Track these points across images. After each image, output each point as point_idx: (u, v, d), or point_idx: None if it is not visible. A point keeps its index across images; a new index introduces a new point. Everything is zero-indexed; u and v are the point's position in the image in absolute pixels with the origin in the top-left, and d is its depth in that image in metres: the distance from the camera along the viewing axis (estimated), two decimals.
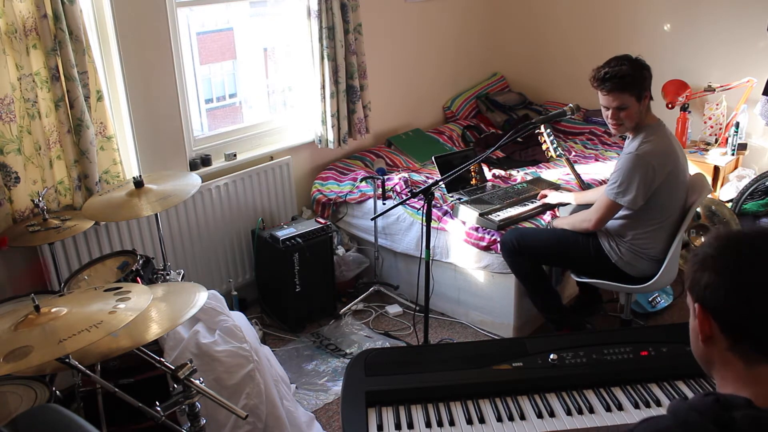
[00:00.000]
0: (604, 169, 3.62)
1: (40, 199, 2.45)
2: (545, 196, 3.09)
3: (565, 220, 2.85)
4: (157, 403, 1.65)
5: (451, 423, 1.72)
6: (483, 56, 4.78)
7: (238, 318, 2.37)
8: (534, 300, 2.92)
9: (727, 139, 3.78)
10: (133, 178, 2.50)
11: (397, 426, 1.71)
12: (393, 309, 3.42)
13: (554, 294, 2.90)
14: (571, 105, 2.73)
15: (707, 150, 3.84)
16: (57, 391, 1.91)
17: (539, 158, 3.89)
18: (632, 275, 2.66)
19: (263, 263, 3.36)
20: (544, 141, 3.08)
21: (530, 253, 2.78)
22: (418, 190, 2.47)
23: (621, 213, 2.61)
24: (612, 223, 2.65)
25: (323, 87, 3.47)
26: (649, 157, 2.45)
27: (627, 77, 2.46)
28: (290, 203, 3.64)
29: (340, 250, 3.53)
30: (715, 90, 3.79)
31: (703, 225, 3.59)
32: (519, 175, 3.65)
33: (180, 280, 2.60)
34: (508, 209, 3.08)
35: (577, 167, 3.08)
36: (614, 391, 1.79)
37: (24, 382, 1.92)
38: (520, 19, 4.70)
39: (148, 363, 1.76)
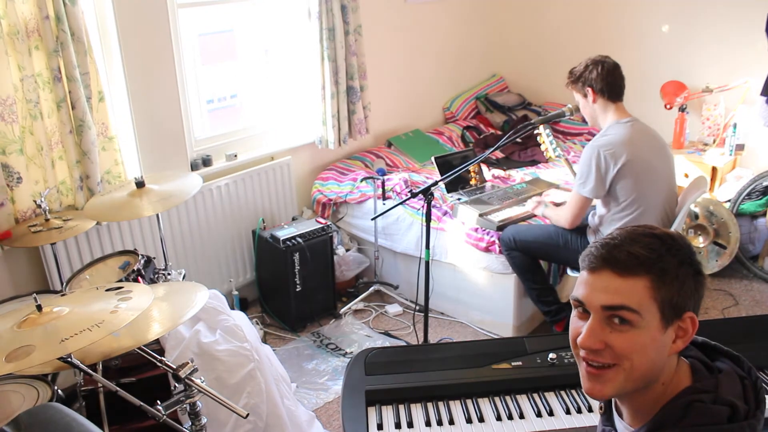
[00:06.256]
0: None
1: (42, 199, 2.46)
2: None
3: (549, 212, 2.91)
4: (159, 402, 1.66)
5: (451, 422, 1.73)
6: (482, 57, 4.79)
7: (239, 317, 2.38)
8: (530, 293, 2.99)
9: (724, 140, 3.79)
10: (135, 178, 2.50)
11: (397, 425, 1.72)
12: (393, 308, 3.44)
13: (549, 288, 2.99)
14: (569, 106, 2.75)
15: (705, 150, 3.85)
16: (59, 390, 1.92)
17: (538, 159, 3.90)
18: None
19: (264, 263, 3.37)
20: (543, 141, 3.09)
21: (525, 248, 2.87)
22: (417, 190, 2.49)
23: (599, 210, 2.67)
24: (592, 220, 2.73)
25: (323, 88, 3.48)
26: (600, 147, 2.55)
27: (572, 72, 2.64)
28: (291, 203, 3.65)
29: (341, 250, 3.55)
30: (713, 91, 3.80)
31: (701, 225, 3.61)
32: (518, 175, 3.67)
33: (181, 279, 2.60)
34: (508, 210, 3.10)
35: (575, 167, 3.09)
36: None
37: (26, 381, 1.92)
38: (520, 20, 4.71)
39: (149, 362, 1.77)
